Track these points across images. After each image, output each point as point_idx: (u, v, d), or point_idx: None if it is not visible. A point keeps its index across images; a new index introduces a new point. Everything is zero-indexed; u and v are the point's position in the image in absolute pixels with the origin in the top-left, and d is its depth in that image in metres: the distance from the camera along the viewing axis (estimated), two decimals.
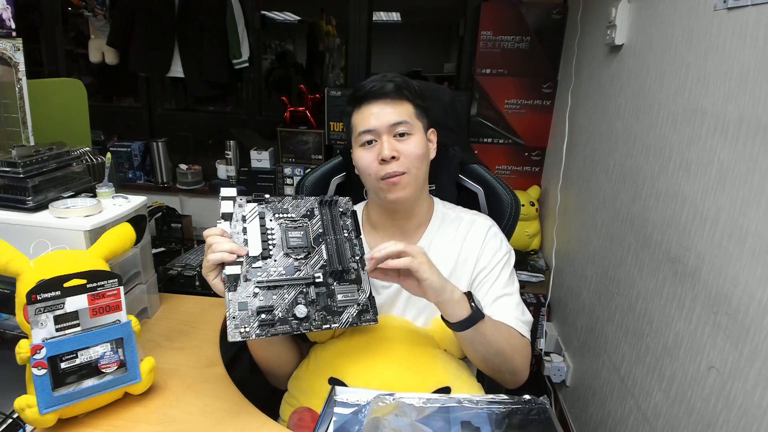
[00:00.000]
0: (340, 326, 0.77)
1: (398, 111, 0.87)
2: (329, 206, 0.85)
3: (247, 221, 0.79)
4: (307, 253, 0.80)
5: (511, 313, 0.89)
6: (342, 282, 0.80)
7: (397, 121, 0.86)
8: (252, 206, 0.80)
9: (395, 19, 3.88)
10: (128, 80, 2.75)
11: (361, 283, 0.81)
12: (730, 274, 0.92)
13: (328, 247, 0.81)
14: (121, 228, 0.87)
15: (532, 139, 2.28)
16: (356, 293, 0.80)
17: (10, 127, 1.06)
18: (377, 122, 0.86)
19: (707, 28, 1.04)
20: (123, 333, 0.78)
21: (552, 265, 2.02)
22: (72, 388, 0.73)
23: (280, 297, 0.75)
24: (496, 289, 0.91)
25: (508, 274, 0.94)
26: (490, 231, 0.96)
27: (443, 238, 0.95)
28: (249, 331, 0.72)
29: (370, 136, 0.87)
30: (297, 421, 0.82)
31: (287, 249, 0.78)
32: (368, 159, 0.87)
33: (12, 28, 1.03)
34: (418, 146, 0.87)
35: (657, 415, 1.15)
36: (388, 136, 0.86)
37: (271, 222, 0.80)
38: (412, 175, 0.87)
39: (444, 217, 0.98)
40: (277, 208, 0.82)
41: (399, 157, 0.85)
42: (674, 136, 1.16)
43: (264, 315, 0.73)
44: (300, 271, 0.78)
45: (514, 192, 1.08)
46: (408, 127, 0.87)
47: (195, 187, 2.61)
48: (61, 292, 0.73)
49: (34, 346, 0.71)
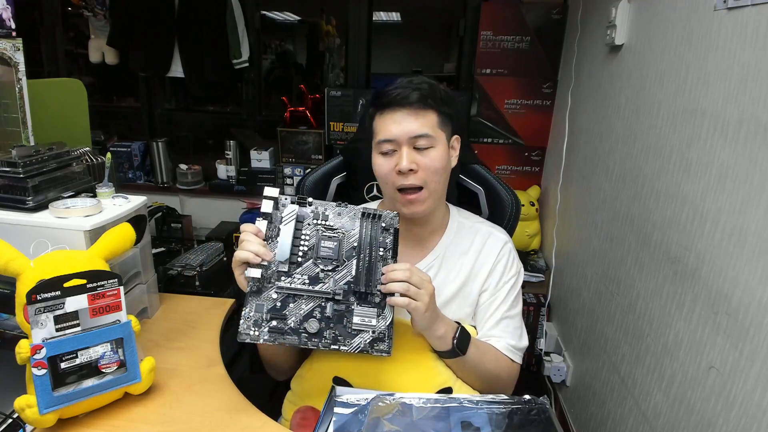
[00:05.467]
0: (349, 350, 0.74)
1: (421, 122, 0.84)
2: (372, 219, 0.80)
3: (283, 223, 0.77)
4: (336, 266, 0.76)
5: (507, 339, 0.90)
6: (363, 303, 0.76)
7: (418, 133, 0.84)
8: (292, 208, 0.78)
9: (395, 19, 3.88)
10: (128, 80, 2.75)
11: (384, 308, 0.76)
12: (730, 274, 0.92)
13: (358, 264, 0.77)
14: (121, 228, 0.87)
15: (532, 139, 2.28)
16: (375, 318, 0.76)
17: (10, 127, 1.06)
18: (398, 132, 0.84)
19: (707, 28, 1.04)
20: (123, 333, 0.78)
21: (552, 265, 2.02)
22: (72, 388, 0.73)
23: (296, 307, 0.74)
24: (501, 311, 0.92)
25: (514, 296, 0.94)
26: (505, 247, 0.95)
27: (458, 248, 0.94)
28: (258, 335, 0.72)
29: (390, 146, 0.85)
30: (300, 420, 0.82)
31: (316, 258, 0.76)
32: (387, 168, 0.86)
33: (12, 28, 1.03)
34: (438, 159, 0.85)
35: (657, 415, 1.15)
36: (408, 148, 0.84)
37: (309, 227, 0.78)
38: (430, 189, 0.86)
39: (460, 226, 0.97)
40: (317, 213, 0.79)
41: (417, 170, 0.84)
42: (674, 136, 1.16)
43: (275, 322, 0.73)
44: (324, 283, 0.75)
45: (514, 192, 1.08)
46: (429, 140, 0.84)
47: (195, 187, 2.61)
48: (61, 292, 0.73)
49: (34, 346, 0.71)
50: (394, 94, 0.85)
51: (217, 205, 2.62)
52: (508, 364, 0.90)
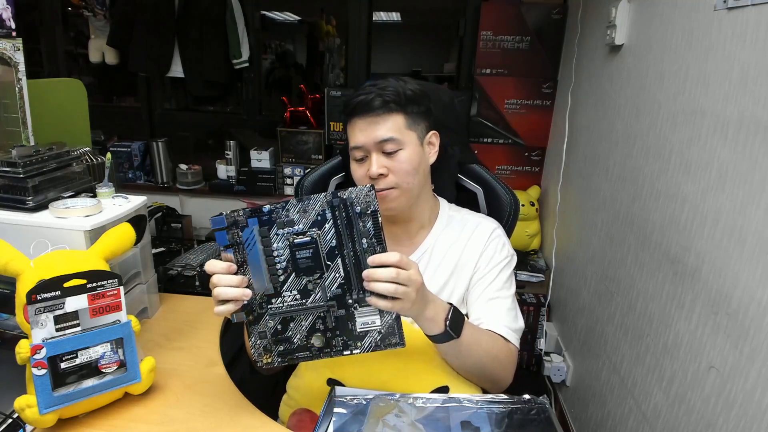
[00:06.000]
0: (362, 351, 0.72)
1: (386, 126, 0.84)
2: (343, 207, 0.70)
3: (248, 248, 0.70)
4: (321, 274, 0.70)
5: (501, 320, 0.88)
6: (363, 303, 0.71)
7: (383, 138, 0.84)
8: (250, 228, 0.69)
9: (395, 19, 3.88)
10: (128, 80, 2.75)
11: None
12: (730, 274, 0.92)
13: (345, 262, 0.70)
14: (121, 228, 0.87)
15: (532, 139, 2.28)
16: (378, 318, 0.72)
17: (10, 127, 1.06)
18: (364, 139, 0.85)
19: (707, 28, 1.04)
20: (123, 333, 0.78)
21: (552, 265, 2.02)
22: (72, 388, 0.74)
23: (296, 325, 0.72)
24: (491, 290, 0.91)
25: (506, 277, 0.93)
26: (493, 233, 0.95)
27: (446, 240, 0.95)
28: (271, 361, 0.73)
29: (361, 153, 0.87)
30: (296, 423, 0.82)
31: (298, 271, 0.70)
32: (360, 174, 0.88)
33: (12, 28, 1.03)
34: (407, 161, 0.85)
35: (657, 415, 1.15)
36: (377, 153, 0.85)
37: (276, 238, 0.70)
38: (403, 189, 0.86)
39: (449, 219, 0.97)
40: (281, 221, 0.70)
41: (388, 174, 0.85)
42: (674, 136, 1.16)
43: (282, 346, 0.73)
44: (315, 294, 0.71)
45: (513, 192, 1.08)
46: (396, 143, 0.84)
47: (195, 187, 2.61)
48: (61, 292, 0.73)
49: (34, 346, 0.71)
50: (358, 101, 0.85)
51: (217, 205, 2.62)
52: (502, 345, 0.86)
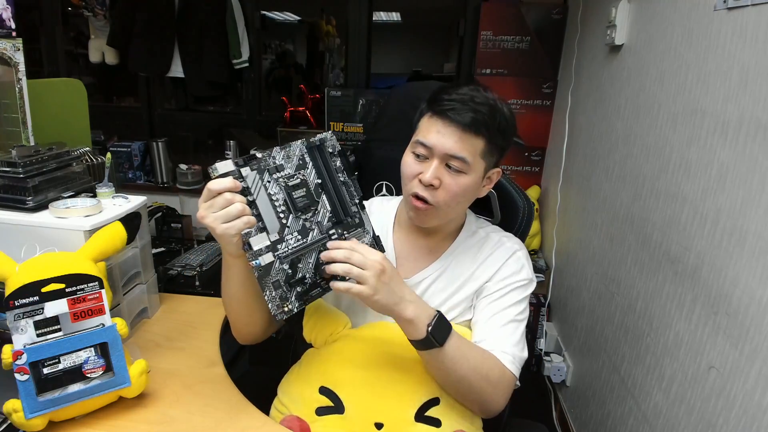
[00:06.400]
0: None
1: (464, 145, 0.78)
2: (319, 150, 0.78)
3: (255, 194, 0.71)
4: (314, 210, 0.76)
5: (502, 344, 0.82)
6: (350, 229, 0.78)
7: (456, 155, 0.78)
8: (253, 176, 0.72)
9: (395, 19, 3.88)
10: (128, 80, 2.75)
11: (363, 225, 0.80)
12: (730, 274, 0.92)
13: (330, 197, 0.78)
14: (111, 228, 0.86)
15: (532, 139, 2.27)
16: (363, 237, 0.79)
17: (10, 127, 1.06)
18: (437, 143, 0.78)
19: (707, 28, 1.04)
20: (107, 337, 0.76)
21: (552, 265, 2.02)
22: (57, 393, 0.72)
23: (304, 264, 0.75)
24: (497, 306, 0.86)
25: (517, 298, 0.87)
26: (514, 255, 0.89)
27: (465, 256, 0.90)
28: (292, 308, 0.74)
29: (424, 151, 0.80)
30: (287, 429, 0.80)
31: (296, 211, 0.74)
32: (412, 171, 0.82)
33: (12, 28, 1.03)
34: (463, 187, 0.80)
35: (657, 415, 1.15)
36: (440, 162, 0.79)
37: (270, 184, 0.73)
38: (441, 211, 0.82)
39: (473, 235, 0.92)
40: (271, 167, 0.74)
41: (438, 188, 0.80)
42: (674, 136, 1.16)
43: (299, 288, 0.75)
44: (312, 230, 0.76)
45: (527, 196, 1.05)
46: (464, 165, 0.79)
47: (195, 187, 2.61)
48: (39, 297, 0.72)
49: (15, 351, 0.70)
50: (450, 107, 0.78)
51: None
52: (498, 366, 0.79)
